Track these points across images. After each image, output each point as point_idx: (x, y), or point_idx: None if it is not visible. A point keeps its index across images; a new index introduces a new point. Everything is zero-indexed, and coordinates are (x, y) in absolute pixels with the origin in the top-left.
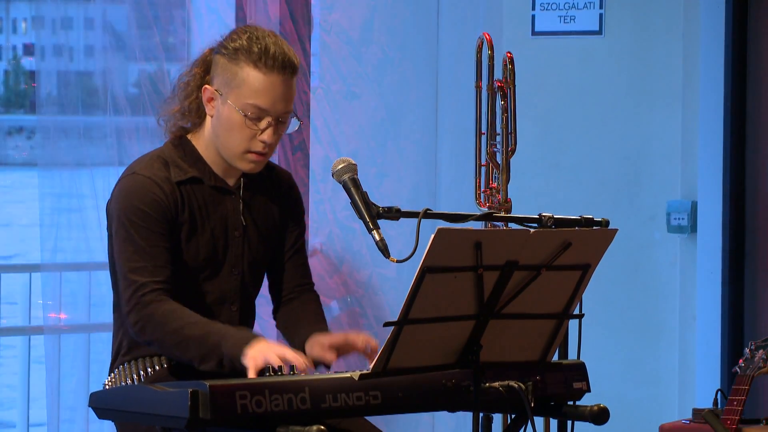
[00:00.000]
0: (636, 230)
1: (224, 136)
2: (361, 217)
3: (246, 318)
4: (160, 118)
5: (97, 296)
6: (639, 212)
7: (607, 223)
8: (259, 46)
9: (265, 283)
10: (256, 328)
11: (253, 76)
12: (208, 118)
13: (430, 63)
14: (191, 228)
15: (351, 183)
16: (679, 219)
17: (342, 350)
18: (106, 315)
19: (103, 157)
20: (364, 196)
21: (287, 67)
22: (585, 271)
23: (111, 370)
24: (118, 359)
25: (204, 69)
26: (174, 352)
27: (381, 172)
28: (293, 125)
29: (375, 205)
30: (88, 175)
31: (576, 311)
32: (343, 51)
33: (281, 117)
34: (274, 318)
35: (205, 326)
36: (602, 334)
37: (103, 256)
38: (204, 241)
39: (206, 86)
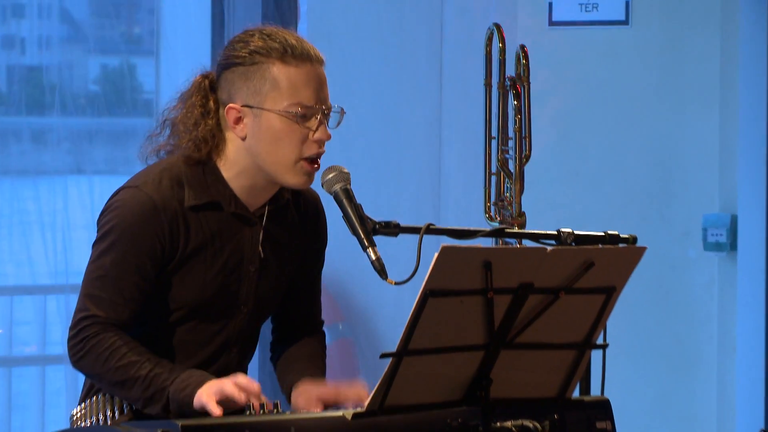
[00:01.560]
0: (668, 248)
1: (269, 151)
2: (355, 232)
3: (243, 360)
4: (148, 157)
5: (52, 325)
6: (671, 227)
7: (635, 239)
8: (277, 41)
9: None
10: None
11: (285, 73)
12: (231, 143)
13: (433, 57)
14: (200, 260)
15: (343, 194)
16: (716, 235)
17: (331, 404)
18: (62, 345)
19: (58, 164)
20: (358, 209)
21: (314, 56)
22: (609, 294)
23: (82, 400)
24: (93, 389)
25: (202, 96)
26: (115, 391)
27: (378, 181)
28: (335, 117)
29: (370, 219)
30: (32, 185)
31: (599, 340)
32: (333, 42)
33: (327, 110)
34: (271, 351)
35: (152, 366)
36: (629, 366)
37: (50, 279)
38: (212, 275)
39: (230, 106)
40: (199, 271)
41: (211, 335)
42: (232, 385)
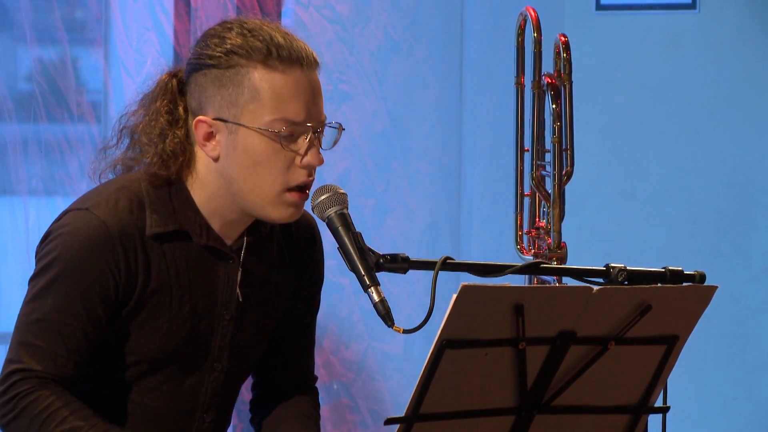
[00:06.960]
0: (744, 288)
1: (247, 178)
2: (354, 268)
3: (219, 430)
4: (101, 174)
5: None
6: (749, 262)
7: (703, 277)
8: (260, 38)
9: None
10: None
11: (269, 80)
12: (202, 161)
13: (451, 50)
14: (163, 302)
15: (338, 220)
16: None
17: None
18: None
19: None
20: (357, 239)
21: (306, 58)
22: (671, 345)
23: None
24: None
25: (169, 100)
26: None
27: (382, 204)
28: (331, 136)
29: (373, 251)
30: None
31: (658, 402)
32: (328, 33)
33: (319, 127)
34: (251, 411)
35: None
36: None
37: None
38: (179, 322)
39: (200, 119)
40: (161, 317)
41: (178, 398)
42: None
